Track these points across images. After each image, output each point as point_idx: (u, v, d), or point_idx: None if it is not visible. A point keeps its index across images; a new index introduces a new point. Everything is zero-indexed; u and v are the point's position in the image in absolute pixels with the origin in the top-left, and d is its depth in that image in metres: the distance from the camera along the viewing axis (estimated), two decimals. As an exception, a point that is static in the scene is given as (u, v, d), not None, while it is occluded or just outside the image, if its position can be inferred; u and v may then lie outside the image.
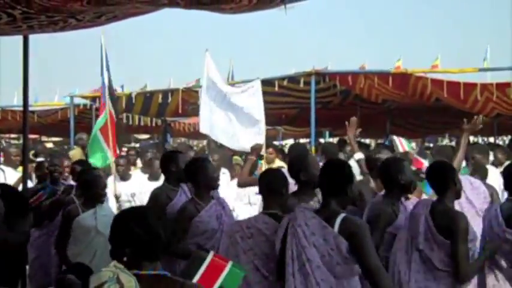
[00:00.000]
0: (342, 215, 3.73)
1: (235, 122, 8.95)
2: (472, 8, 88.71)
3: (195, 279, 3.09)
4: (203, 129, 9.35)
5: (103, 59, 9.58)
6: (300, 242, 3.73)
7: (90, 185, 5.62)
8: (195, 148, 14.47)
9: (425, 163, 6.57)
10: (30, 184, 7.28)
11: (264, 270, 4.18)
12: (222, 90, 9.11)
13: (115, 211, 6.58)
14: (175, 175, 5.50)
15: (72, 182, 7.06)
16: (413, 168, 6.31)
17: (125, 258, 2.69)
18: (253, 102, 8.86)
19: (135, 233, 2.70)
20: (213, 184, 5.17)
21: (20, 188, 6.28)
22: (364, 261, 3.64)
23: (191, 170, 5.13)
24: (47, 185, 6.91)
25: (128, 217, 2.79)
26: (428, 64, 15.89)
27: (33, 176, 7.91)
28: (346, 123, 6.10)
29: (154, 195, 5.51)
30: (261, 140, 8.58)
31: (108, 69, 9.55)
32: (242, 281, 4.00)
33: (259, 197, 5.44)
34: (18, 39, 5.63)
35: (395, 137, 12.90)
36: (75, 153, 10.42)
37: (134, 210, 2.91)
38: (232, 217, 5.34)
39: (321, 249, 3.68)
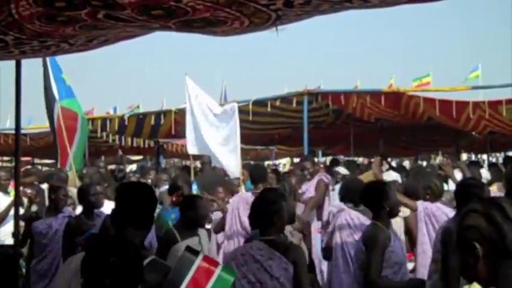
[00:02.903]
0: None
1: (213, 140, 8.89)
2: (464, 25, 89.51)
3: (183, 285, 2.99)
4: (190, 150, 9.29)
5: (49, 75, 9.32)
6: None
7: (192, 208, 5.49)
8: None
9: None
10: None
11: None
12: (205, 108, 9.08)
13: None
14: (385, 207, 4.70)
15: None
16: None
17: None
18: (230, 124, 8.80)
19: (114, 263, 2.61)
20: (397, 210, 4.81)
21: (12, 212, 6.18)
22: None
23: (372, 193, 4.79)
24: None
25: (105, 246, 2.71)
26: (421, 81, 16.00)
27: (25, 200, 7.74)
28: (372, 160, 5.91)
29: (377, 234, 4.62)
30: (237, 161, 8.53)
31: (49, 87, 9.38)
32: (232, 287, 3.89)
33: None
34: (11, 62, 5.61)
35: None
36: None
37: (110, 239, 2.84)
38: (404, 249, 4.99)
39: None
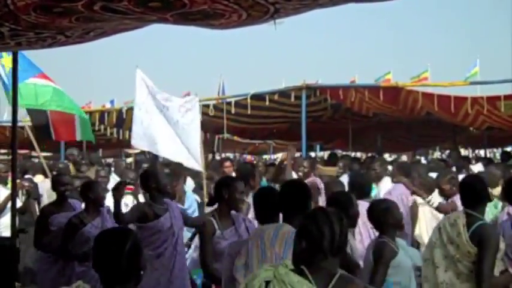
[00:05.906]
0: None
1: (173, 135, 8.67)
2: (462, 20, 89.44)
3: None
4: (136, 145, 8.81)
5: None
6: None
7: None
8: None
9: None
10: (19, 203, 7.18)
11: None
12: (160, 103, 8.79)
13: None
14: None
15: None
16: None
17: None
18: (189, 118, 8.66)
19: (112, 255, 2.64)
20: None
21: (9, 205, 6.17)
22: None
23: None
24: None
25: (108, 239, 2.73)
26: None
27: (20, 193, 7.70)
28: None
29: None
30: (198, 155, 8.41)
31: None
32: None
33: None
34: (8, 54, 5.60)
35: None
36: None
37: (115, 232, 2.84)
38: None
39: None
